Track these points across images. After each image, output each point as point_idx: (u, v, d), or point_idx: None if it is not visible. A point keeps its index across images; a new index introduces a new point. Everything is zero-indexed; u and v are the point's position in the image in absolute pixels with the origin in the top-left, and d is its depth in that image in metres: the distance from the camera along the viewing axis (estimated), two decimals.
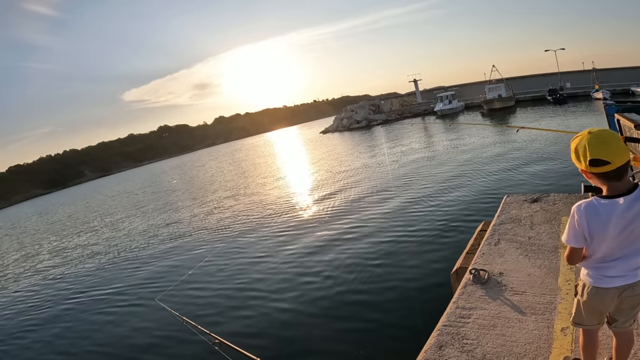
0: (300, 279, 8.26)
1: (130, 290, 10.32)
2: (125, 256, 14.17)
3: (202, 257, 11.31)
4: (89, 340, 8.01)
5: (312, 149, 43.45)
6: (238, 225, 14.16)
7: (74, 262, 15.36)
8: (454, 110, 48.62)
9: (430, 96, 64.63)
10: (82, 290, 11.50)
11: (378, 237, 9.83)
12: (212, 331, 3.49)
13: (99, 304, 9.92)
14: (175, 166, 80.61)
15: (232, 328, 6.79)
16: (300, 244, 10.59)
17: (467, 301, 3.12)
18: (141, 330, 7.76)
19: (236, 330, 6.70)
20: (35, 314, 10.52)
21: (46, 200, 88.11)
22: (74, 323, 9.20)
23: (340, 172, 21.91)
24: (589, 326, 1.98)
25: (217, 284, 9.08)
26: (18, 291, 13.20)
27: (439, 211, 10.78)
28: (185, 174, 52.07)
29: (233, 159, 56.39)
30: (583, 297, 1.89)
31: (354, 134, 52.50)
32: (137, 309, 9.01)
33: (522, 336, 2.57)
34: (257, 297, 7.88)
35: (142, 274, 11.53)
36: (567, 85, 42.19)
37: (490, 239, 4.14)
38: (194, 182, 36.88)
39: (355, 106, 68.22)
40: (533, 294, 3.01)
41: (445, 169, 16.37)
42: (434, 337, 2.79)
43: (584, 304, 1.90)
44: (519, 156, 15.54)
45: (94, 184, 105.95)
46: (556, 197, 4.90)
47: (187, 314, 4.88)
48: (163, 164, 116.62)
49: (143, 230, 18.37)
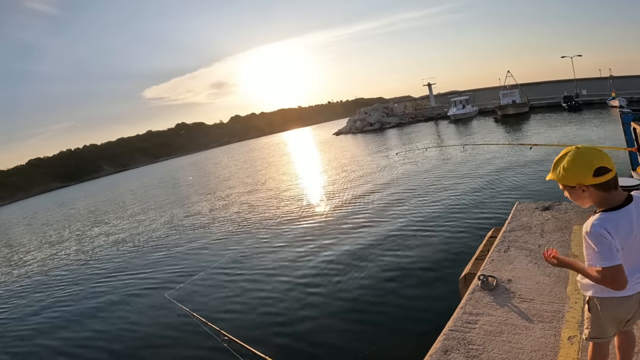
0: (312, 282, 8.28)
1: (141, 284, 10.47)
2: (140, 250, 14.41)
3: (217, 256, 11.39)
4: (94, 331, 8.17)
5: (325, 150, 43.55)
6: (255, 226, 14.14)
7: (88, 252, 15.69)
8: (468, 115, 48.21)
9: (443, 100, 64.25)
10: (91, 280, 11.74)
11: (387, 239, 9.84)
12: (222, 328, 3.51)
13: (108, 296, 10.10)
14: (191, 163, 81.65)
15: (243, 327, 6.83)
16: (313, 246, 10.62)
17: (475, 307, 3.12)
18: (150, 325, 7.88)
19: (246, 329, 6.74)
20: (42, 301, 10.77)
21: (64, 193, 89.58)
22: (80, 313, 9.40)
23: (352, 174, 21.94)
24: (607, 338, 1.93)
25: (230, 283, 9.14)
26: (28, 277, 13.47)
27: (448, 216, 10.74)
28: (201, 170, 52.67)
29: (248, 158, 56.85)
30: (604, 310, 1.82)
31: (366, 136, 52.44)
32: (147, 302, 9.14)
33: (529, 343, 2.57)
34: (269, 297, 7.89)
35: (155, 268, 11.70)
36: (583, 92, 41.55)
37: (500, 246, 4.13)
38: (210, 179, 37.24)
39: (368, 108, 68.10)
40: (541, 301, 3.00)
41: (457, 174, 16.28)
42: (440, 342, 2.79)
43: (605, 316, 1.83)
44: (530, 164, 15.38)
45: (113, 178, 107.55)
46: (568, 206, 4.86)
47: (197, 310, 4.91)
48: (179, 160, 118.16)
49: (160, 225, 18.63)
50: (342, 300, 7.19)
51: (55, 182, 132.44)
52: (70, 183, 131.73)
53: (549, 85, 52.19)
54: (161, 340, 7.09)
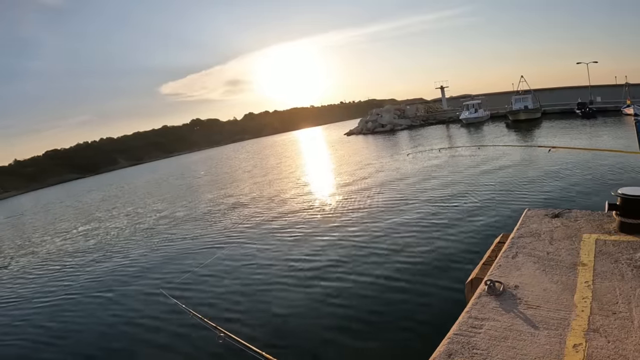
0: (312, 280, 8.32)
1: (137, 279, 10.55)
2: (140, 243, 14.55)
3: (214, 251, 11.51)
4: (87, 323, 8.27)
5: (335, 150, 43.59)
6: (256, 222, 14.33)
7: (84, 244, 15.84)
8: (480, 120, 47.87)
9: (456, 104, 63.82)
10: (85, 273, 11.90)
11: (394, 241, 9.82)
12: (218, 324, 3.51)
13: (102, 289, 10.21)
14: (206, 158, 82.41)
15: (239, 323, 6.88)
16: (315, 244, 10.67)
17: (480, 311, 3.12)
18: (144, 319, 7.91)
19: (243, 325, 6.79)
20: (38, 292, 10.97)
21: (79, 184, 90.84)
22: (74, 306, 9.48)
23: (360, 175, 21.92)
24: None
25: (227, 279, 9.20)
26: (25, 267, 13.67)
27: (457, 220, 10.69)
28: (214, 166, 53.00)
29: (261, 155, 57.14)
30: None
31: (377, 137, 52.36)
32: (142, 297, 9.16)
33: (533, 350, 2.56)
34: (267, 294, 7.96)
35: (151, 262, 11.79)
36: (598, 100, 40.99)
37: (508, 252, 4.12)
38: (221, 175, 37.44)
39: (380, 110, 68.00)
40: (547, 309, 2.99)
41: (468, 178, 16.19)
42: (444, 345, 2.80)
43: None
44: (542, 170, 15.24)
45: (127, 171, 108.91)
46: (578, 214, 4.82)
47: (193, 306, 4.92)
48: (193, 155, 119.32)
49: (159, 219, 18.75)
50: (344, 299, 7.22)
51: (71, 174, 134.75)
52: (85, 175, 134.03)
53: (563, 91, 51.54)
54: (157, 336, 7.14)
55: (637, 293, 2.95)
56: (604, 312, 2.79)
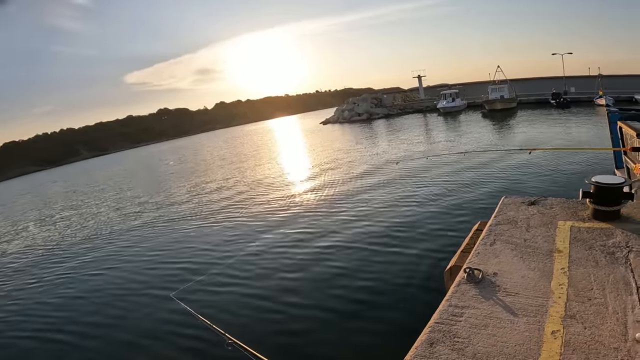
0: (319, 283, 8.01)
1: (145, 282, 10.01)
2: (147, 246, 13.54)
3: (226, 257, 10.77)
4: (95, 326, 7.94)
5: (311, 139, 43.33)
6: (266, 226, 13.03)
7: (92, 244, 15.24)
8: (457, 109, 48.49)
9: (433, 93, 64.40)
10: (93, 276, 11.22)
11: (373, 232, 9.86)
12: (227, 331, 3.39)
13: (110, 291, 9.73)
14: (174, 148, 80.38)
15: (249, 331, 6.65)
16: (326, 246, 10.04)
17: (460, 300, 3.14)
18: (153, 323, 7.62)
19: (253, 333, 6.57)
20: (38, 293, 10.54)
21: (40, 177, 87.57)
22: (81, 308, 9.07)
23: (338, 165, 21.88)
24: None
25: (237, 286, 8.72)
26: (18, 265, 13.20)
27: (435, 209, 10.82)
28: (185, 156, 51.94)
29: (232, 145, 56.16)
30: None
31: (354, 126, 52.38)
32: (151, 301, 8.77)
33: (513, 337, 2.59)
34: (278, 302, 7.63)
35: (161, 267, 11.10)
36: (572, 90, 42.08)
37: (486, 239, 4.16)
38: (195, 168, 36.73)
39: (357, 99, 67.97)
40: (526, 295, 3.03)
41: (445, 167, 16.38)
42: (426, 334, 2.81)
43: None
44: (518, 159, 15.54)
45: (88, 162, 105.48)
46: (553, 201, 4.91)
47: (203, 312, 4.70)
48: (161, 145, 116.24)
49: (159, 219, 18.07)
50: (327, 294, 7.18)
51: (31, 166, 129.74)
52: (46, 167, 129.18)
53: (538, 81, 52.69)
54: (164, 341, 6.92)
55: (610, 279, 3.01)
56: (579, 299, 2.84)
